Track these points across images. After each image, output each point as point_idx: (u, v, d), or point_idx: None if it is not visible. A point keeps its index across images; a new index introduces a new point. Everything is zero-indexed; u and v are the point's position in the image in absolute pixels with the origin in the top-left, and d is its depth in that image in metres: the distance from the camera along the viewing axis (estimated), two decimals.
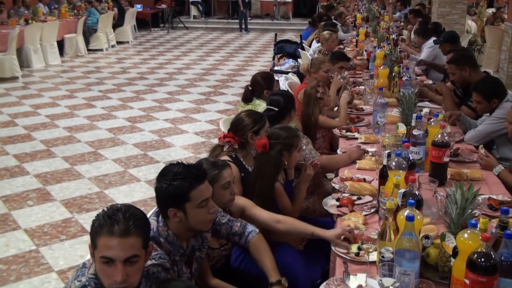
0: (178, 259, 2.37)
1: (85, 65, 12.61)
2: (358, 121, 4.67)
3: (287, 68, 8.64)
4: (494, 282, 1.95)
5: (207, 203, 2.32)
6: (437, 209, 2.81)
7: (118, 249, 1.90)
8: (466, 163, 3.69)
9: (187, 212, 2.30)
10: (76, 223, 4.91)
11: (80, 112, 8.63)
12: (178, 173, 2.31)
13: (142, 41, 16.73)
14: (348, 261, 2.50)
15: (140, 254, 1.97)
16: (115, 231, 1.91)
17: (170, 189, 2.29)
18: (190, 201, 2.29)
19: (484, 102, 4.16)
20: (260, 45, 16.05)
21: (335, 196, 3.23)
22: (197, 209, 2.29)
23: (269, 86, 4.68)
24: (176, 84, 10.72)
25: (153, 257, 2.21)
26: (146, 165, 6.36)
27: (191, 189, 2.28)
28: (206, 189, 2.33)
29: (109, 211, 1.98)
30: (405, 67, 5.41)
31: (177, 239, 2.35)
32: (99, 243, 1.93)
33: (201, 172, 2.34)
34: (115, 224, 1.92)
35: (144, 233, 2.01)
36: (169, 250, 2.33)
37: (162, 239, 2.32)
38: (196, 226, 2.36)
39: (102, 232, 1.92)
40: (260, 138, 3.14)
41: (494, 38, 10.67)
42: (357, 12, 13.27)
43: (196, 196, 2.28)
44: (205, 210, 2.32)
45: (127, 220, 1.94)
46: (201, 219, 2.33)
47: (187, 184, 2.27)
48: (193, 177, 2.29)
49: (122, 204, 2.04)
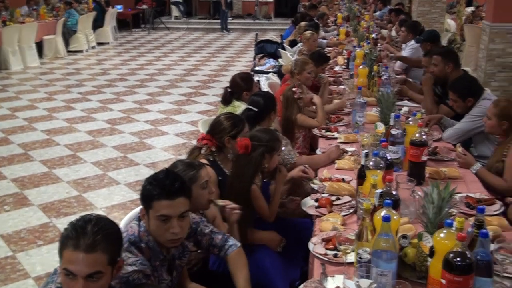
0: (158, 264, 2.33)
1: (64, 67, 12.47)
2: (338, 121, 4.66)
3: (268, 68, 8.61)
4: (469, 282, 1.95)
5: (168, 221, 2.22)
6: (415, 209, 2.80)
7: (81, 264, 1.82)
8: (444, 161, 3.70)
9: (150, 218, 2.26)
10: (54, 228, 4.84)
11: (59, 114, 8.53)
12: (155, 177, 2.29)
13: (122, 42, 16.61)
14: (326, 263, 2.48)
15: (104, 271, 1.87)
16: (80, 245, 1.83)
17: (143, 189, 2.28)
18: (152, 209, 2.24)
19: (459, 101, 4.18)
20: (242, 45, 16.02)
21: (314, 197, 3.21)
22: (157, 220, 2.23)
23: (248, 87, 4.64)
24: (157, 85, 10.64)
25: (134, 263, 2.17)
26: (126, 167, 6.29)
27: (154, 199, 2.22)
28: (169, 206, 2.21)
29: (80, 222, 1.90)
30: (385, 66, 5.42)
31: (158, 245, 2.30)
32: (64, 254, 1.86)
33: (172, 187, 2.23)
34: (81, 238, 1.84)
35: (112, 249, 1.91)
36: (149, 256, 2.29)
37: (143, 244, 2.27)
38: (156, 237, 2.28)
39: (68, 245, 1.85)
40: (241, 138, 3.10)
41: (473, 37, 10.74)
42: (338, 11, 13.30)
43: (157, 207, 2.22)
44: (164, 226, 2.23)
45: (95, 234, 1.86)
46: (159, 233, 2.25)
47: (154, 192, 2.23)
48: (161, 188, 2.23)
49: (96, 216, 1.96)
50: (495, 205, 3.01)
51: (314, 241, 2.67)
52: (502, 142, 3.66)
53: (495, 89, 6.72)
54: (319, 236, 2.71)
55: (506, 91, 6.85)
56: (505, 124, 3.57)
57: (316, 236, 2.73)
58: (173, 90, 10.20)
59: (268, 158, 3.12)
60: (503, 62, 6.87)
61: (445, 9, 12.13)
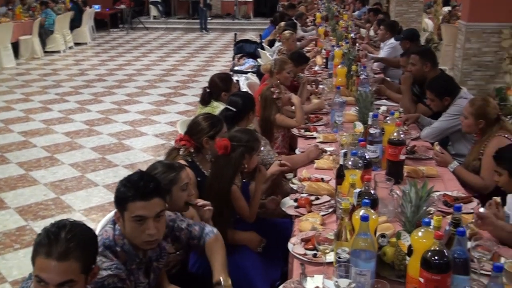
0: (134, 268, 2.30)
1: (41, 68, 12.31)
2: (317, 120, 4.67)
3: (247, 68, 8.60)
4: (447, 280, 1.96)
5: (143, 222, 2.19)
6: (393, 208, 2.82)
7: (53, 272, 1.77)
8: (422, 160, 3.73)
9: (125, 221, 2.23)
10: (31, 231, 4.77)
11: (36, 116, 8.41)
12: (129, 179, 2.26)
13: (100, 42, 16.44)
14: (305, 263, 2.48)
15: (76, 279, 1.82)
16: (52, 253, 1.78)
17: (117, 192, 2.25)
18: (127, 211, 2.21)
19: (436, 100, 4.23)
20: (221, 45, 15.98)
21: (293, 197, 3.21)
22: (132, 222, 2.20)
23: (227, 87, 4.62)
24: (136, 85, 10.56)
25: (109, 267, 2.14)
26: (104, 169, 6.23)
27: (129, 200, 2.19)
28: (144, 207, 2.18)
29: (54, 228, 1.85)
30: (363, 66, 5.44)
31: (133, 248, 2.27)
32: (36, 261, 1.81)
33: (146, 189, 2.20)
34: (53, 245, 1.78)
35: (86, 257, 1.86)
36: (125, 259, 2.26)
37: (118, 248, 2.24)
38: (132, 239, 2.25)
39: (40, 252, 1.80)
40: (220, 139, 3.09)
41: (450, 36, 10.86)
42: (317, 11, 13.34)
43: (132, 209, 2.19)
44: (140, 227, 2.20)
45: (68, 241, 1.80)
46: (135, 235, 2.22)
47: (129, 193, 2.20)
48: (136, 189, 2.20)
49: (71, 222, 1.90)
50: (472, 203, 3.04)
51: (293, 241, 2.66)
52: (479, 141, 3.70)
53: (471, 88, 6.80)
54: (298, 236, 2.70)
55: (483, 90, 6.93)
56: (481, 123, 3.61)
57: (295, 236, 2.72)
58: (152, 91, 10.13)
59: (248, 158, 3.12)
60: (479, 61, 6.95)
61: (422, 9, 12.25)
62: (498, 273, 1.82)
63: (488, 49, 6.91)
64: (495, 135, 3.56)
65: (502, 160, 2.95)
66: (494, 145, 3.48)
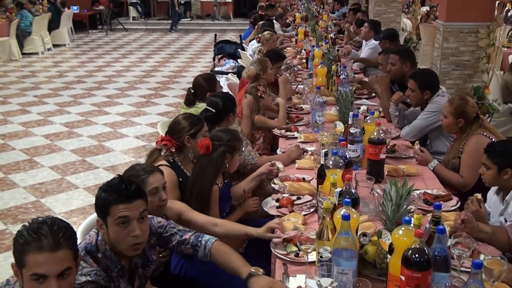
0: (115, 275, 2.26)
1: (19, 70, 12.16)
2: (298, 121, 4.68)
3: (228, 68, 8.60)
4: (428, 277, 1.98)
5: (128, 224, 2.18)
6: (374, 206, 2.84)
7: (49, 264, 1.81)
8: (402, 159, 3.76)
9: (108, 226, 2.21)
10: (11, 235, 4.70)
11: (14, 118, 8.31)
12: (109, 184, 2.24)
13: (79, 43, 16.29)
14: (287, 263, 2.49)
15: (72, 266, 1.88)
16: (44, 246, 1.81)
17: (98, 199, 2.23)
18: (110, 215, 2.19)
19: (417, 91, 4.25)
20: (201, 46, 15.95)
21: (274, 197, 3.22)
22: (116, 226, 2.18)
23: (211, 88, 4.61)
24: (116, 87, 10.48)
25: (88, 273, 2.13)
26: (85, 171, 6.17)
27: (111, 204, 2.18)
28: (127, 209, 2.17)
29: (33, 226, 1.86)
30: (343, 66, 5.47)
31: (115, 255, 2.25)
32: (28, 260, 1.82)
33: (128, 191, 2.19)
34: (43, 239, 1.82)
35: (73, 244, 1.92)
36: (106, 266, 2.23)
37: (99, 254, 2.22)
38: (117, 245, 2.22)
39: (30, 249, 1.82)
40: (201, 139, 3.08)
41: (428, 36, 10.97)
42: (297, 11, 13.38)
43: (115, 212, 2.17)
44: (124, 230, 2.18)
45: (55, 233, 1.84)
46: (120, 239, 2.20)
47: (111, 197, 2.18)
48: (118, 193, 2.19)
49: (46, 217, 1.93)
50: (452, 200, 3.08)
51: (275, 241, 2.67)
52: (458, 139, 3.73)
53: (450, 87, 6.87)
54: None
55: (461, 89, 7.01)
56: (461, 122, 3.65)
57: None
58: (132, 92, 10.07)
59: (229, 158, 3.12)
60: (457, 61, 7.03)
61: (401, 9, 12.35)
62: (478, 270, 1.84)
63: (466, 48, 7.00)
64: (474, 134, 3.60)
65: (494, 154, 2.93)
66: (473, 143, 3.53)
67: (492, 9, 7.08)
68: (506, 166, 2.89)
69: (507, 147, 2.93)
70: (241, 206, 3.24)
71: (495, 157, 2.92)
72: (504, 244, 2.63)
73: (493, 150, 2.95)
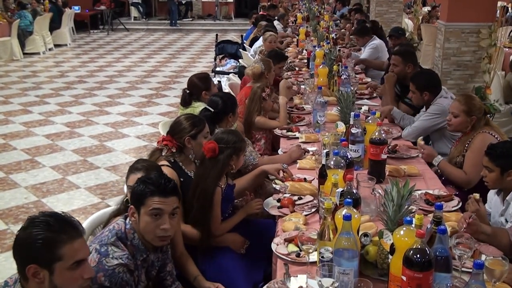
0: (139, 264, 2.37)
1: (20, 69, 12.17)
2: (299, 121, 4.68)
3: (229, 68, 8.60)
4: (429, 278, 1.98)
5: (159, 217, 2.34)
6: (375, 207, 2.84)
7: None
8: (404, 159, 3.76)
9: (140, 215, 2.35)
10: (12, 234, 4.70)
11: (16, 118, 8.31)
12: (149, 178, 2.40)
13: (81, 43, 16.30)
14: (289, 263, 2.49)
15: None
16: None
17: (135, 189, 2.39)
18: (144, 205, 2.34)
19: (417, 92, 4.27)
20: (203, 46, 15.95)
21: (276, 197, 3.22)
22: (148, 216, 2.33)
23: (206, 86, 4.60)
24: (117, 87, 10.49)
25: (120, 256, 2.25)
26: (86, 171, 6.18)
27: (149, 195, 2.33)
28: (163, 202, 2.34)
29: (52, 221, 1.87)
30: (344, 66, 5.47)
31: (142, 243, 2.37)
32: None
33: (166, 187, 2.36)
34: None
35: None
36: (132, 253, 2.33)
37: (128, 242, 2.34)
38: (145, 234, 2.36)
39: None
40: (207, 142, 3.08)
41: (429, 36, 10.97)
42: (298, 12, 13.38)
43: (150, 203, 2.33)
44: (155, 222, 2.33)
45: (75, 223, 1.94)
46: (149, 229, 2.34)
47: (148, 189, 2.35)
48: (156, 186, 2.34)
49: (49, 213, 1.95)
50: (453, 201, 3.08)
51: (276, 241, 2.67)
52: (464, 137, 3.68)
53: (451, 87, 6.87)
54: (281, 236, 2.71)
55: (462, 89, 7.01)
56: (474, 119, 3.61)
57: (279, 236, 2.73)
58: (133, 92, 10.07)
59: (235, 159, 3.12)
60: (458, 61, 7.03)
61: (402, 9, 12.35)
62: (479, 270, 1.84)
63: (467, 48, 7.00)
64: (480, 132, 3.58)
65: (496, 157, 2.91)
66: (479, 141, 3.51)
67: (494, 9, 7.09)
68: (509, 167, 2.87)
69: (508, 149, 2.92)
70: (244, 208, 3.23)
71: (497, 159, 2.90)
72: (505, 246, 2.62)
73: (495, 152, 2.93)
